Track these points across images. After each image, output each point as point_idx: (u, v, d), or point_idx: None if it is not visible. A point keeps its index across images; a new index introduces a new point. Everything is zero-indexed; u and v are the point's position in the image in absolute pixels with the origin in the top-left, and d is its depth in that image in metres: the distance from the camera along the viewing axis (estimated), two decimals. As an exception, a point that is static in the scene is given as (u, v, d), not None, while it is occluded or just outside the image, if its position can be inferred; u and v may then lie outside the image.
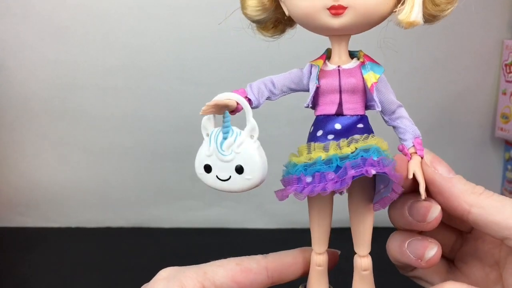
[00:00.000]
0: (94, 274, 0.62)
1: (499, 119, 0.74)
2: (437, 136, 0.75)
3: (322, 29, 0.28)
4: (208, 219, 0.75)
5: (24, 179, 0.74)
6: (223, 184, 0.28)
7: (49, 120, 0.72)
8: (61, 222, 0.75)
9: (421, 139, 0.30)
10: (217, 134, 0.28)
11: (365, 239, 0.30)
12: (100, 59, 0.70)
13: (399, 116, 0.30)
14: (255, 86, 0.30)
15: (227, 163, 0.28)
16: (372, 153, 0.27)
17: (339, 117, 0.29)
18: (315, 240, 0.31)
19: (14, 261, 0.65)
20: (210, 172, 0.29)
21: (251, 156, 0.28)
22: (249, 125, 0.28)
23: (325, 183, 0.27)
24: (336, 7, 0.27)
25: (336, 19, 0.27)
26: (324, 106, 0.29)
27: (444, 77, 0.73)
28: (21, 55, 0.69)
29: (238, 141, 0.28)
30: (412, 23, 0.27)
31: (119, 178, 0.74)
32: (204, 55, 0.70)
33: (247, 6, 0.30)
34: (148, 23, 0.69)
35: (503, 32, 0.73)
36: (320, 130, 0.29)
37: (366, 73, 0.28)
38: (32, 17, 0.68)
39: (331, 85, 0.29)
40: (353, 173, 0.26)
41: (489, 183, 0.78)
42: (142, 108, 0.72)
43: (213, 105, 0.28)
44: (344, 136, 0.28)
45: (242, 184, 0.28)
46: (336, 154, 0.27)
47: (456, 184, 0.28)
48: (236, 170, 0.28)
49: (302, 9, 0.27)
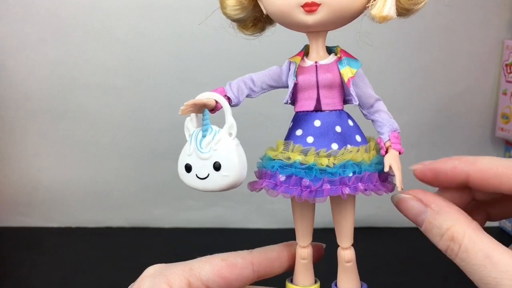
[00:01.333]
0: (94, 274, 0.62)
1: (500, 119, 0.74)
2: (437, 136, 0.75)
3: (297, 26, 0.29)
4: (208, 219, 0.75)
5: (25, 179, 0.74)
6: (202, 182, 0.29)
7: (49, 120, 0.72)
8: (61, 222, 0.75)
9: (398, 133, 0.30)
10: (197, 134, 0.29)
11: (348, 231, 0.30)
12: (100, 59, 0.70)
13: (377, 110, 0.30)
14: (235, 84, 0.31)
15: (206, 160, 0.28)
16: (348, 170, 0.28)
17: (318, 113, 0.29)
18: (298, 234, 0.31)
19: (14, 261, 0.65)
20: (190, 172, 0.29)
21: (228, 152, 0.28)
22: (227, 123, 0.28)
23: (300, 188, 0.28)
24: (309, 4, 0.27)
25: (310, 16, 0.27)
26: (303, 102, 0.30)
27: (444, 77, 0.73)
28: (21, 55, 0.69)
29: (216, 138, 0.28)
30: (385, 18, 0.27)
31: (119, 178, 0.74)
32: (204, 55, 0.70)
33: (226, 6, 0.30)
34: (148, 23, 0.69)
35: (503, 32, 0.73)
36: (299, 129, 0.29)
37: (343, 68, 0.29)
38: (32, 17, 0.68)
39: (309, 81, 0.29)
40: (328, 188, 0.27)
41: (489, 183, 0.78)
42: (142, 108, 0.72)
43: (191, 104, 0.29)
44: (324, 139, 0.29)
45: (220, 182, 0.28)
46: (315, 163, 0.28)
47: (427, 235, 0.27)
48: (214, 168, 0.28)
49: (277, 7, 0.28)
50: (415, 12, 0.29)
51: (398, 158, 0.29)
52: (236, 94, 0.30)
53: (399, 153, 0.29)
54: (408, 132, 0.74)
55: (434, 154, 0.76)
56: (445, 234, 0.26)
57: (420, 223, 0.27)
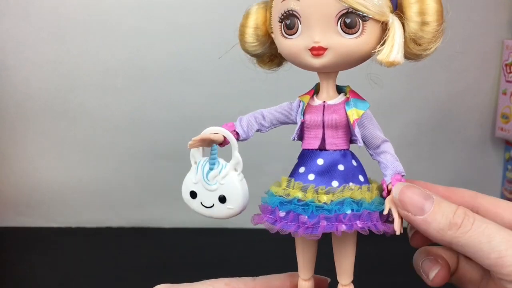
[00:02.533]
0: (94, 274, 0.62)
1: (499, 119, 0.74)
2: (437, 136, 0.75)
3: (305, 67, 0.30)
4: (208, 219, 0.75)
5: (24, 179, 0.74)
6: (207, 210, 0.31)
7: (49, 120, 0.72)
8: (61, 222, 0.75)
9: (401, 176, 0.30)
10: (204, 164, 0.31)
11: (347, 269, 0.31)
12: (100, 59, 0.70)
13: (383, 151, 0.31)
14: (245, 120, 0.32)
15: (212, 192, 0.30)
16: (346, 208, 0.28)
17: (322, 152, 0.30)
18: (300, 267, 0.32)
19: (14, 261, 0.65)
20: (195, 198, 0.31)
21: (234, 188, 0.30)
22: (233, 160, 0.30)
23: (297, 224, 0.28)
24: (316, 48, 0.28)
25: (316, 59, 0.28)
26: (309, 140, 0.30)
27: (444, 77, 0.73)
28: (21, 55, 0.69)
29: (223, 173, 0.30)
30: (392, 63, 0.27)
31: (119, 178, 0.74)
32: (204, 55, 0.70)
33: (245, 42, 0.32)
34: (148, 23, 0.69)
35: (503, 32, 0.73)
36: (302, 167, 0.30)
37: (349, 109, 0.29)
38: (32, 17, 0.68)
39: (315, 121, 0.30)
40: (324, 225, 0.28)
41: (489, 183, 0.78)
42: (142, 108, 0.72)
43: (199, 140, 0.30)
44: (325, 176, 0.29)
45: (224, 213, 0.31)
46: (313, 200, 0.28)
47: (431, 223, 0.27)
48: (220, 199, 0.30)
49: (287, 49, 0.29)
50: (425, 58, 0.29)
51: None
52: (245, 129, 0.32)
53: None
54: (408, 132, 0.74)
55: (434, 154, 0.76)
56: (458, 210, 0.27)
57: (428, 206, 0.27)
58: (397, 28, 0.27)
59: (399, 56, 0.27)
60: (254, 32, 0.31)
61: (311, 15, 0.27)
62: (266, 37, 0.31)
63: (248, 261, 0.64)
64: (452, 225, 0.26)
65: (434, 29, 0.28)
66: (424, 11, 0.27)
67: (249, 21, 0.31)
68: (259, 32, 0.31)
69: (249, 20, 0.31)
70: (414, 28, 0.27)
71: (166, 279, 0.33)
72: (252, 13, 0.31)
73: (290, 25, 0.28)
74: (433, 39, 0.28)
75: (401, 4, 0.28)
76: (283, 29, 0.29)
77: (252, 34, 0.31)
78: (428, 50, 0.29)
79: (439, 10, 0.28)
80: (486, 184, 0.78)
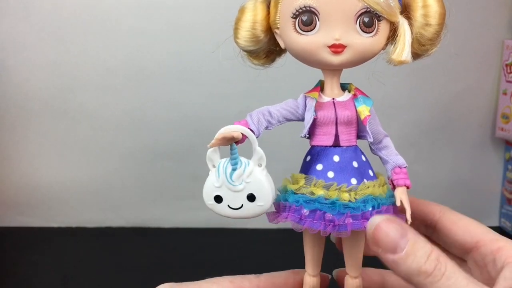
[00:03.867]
0: (94, 274, 0.62)
1: (500, 119, 0.74)
2: (437, 136, 0.75)
3: (320, 64, 0.30)
4: (208, 219, 0.75)
5: (25, 179, 0.74)
6: (236, 212, 0.30)
7: (49, 120, 0.72)
8: (61, 222, 0.75)
9: (402, 168, 0.31)
10: (225, 166, 0.30)
11: (359, 261, 0.32)
12: (100, 59, 0.70)
13: (385, 146, 0.32)
14: (255, 117, 0.31)
15: (239, 192, 0.29)
16: (368, 205, 0.29)
17: (336, 148, 0.30)
18: (309, 263, 0.32)
19: (14, 261, 0.65)
20: (221, 202, 0.30)
21: (261, 184, 0.29)
22: (256, 155, 0.29)
23: (324, 223, 0.29)
24: (337, 45, 0.28)
25: (336, 57, 0.29)
26: (321, 137, 0.31)
27: (444, 77, 0.73)
28: (21, 55, 0.69)
29: (247, 171, 0.29)
30: (402, 62, 0.29)
31: (119, 178, 0.74)
32: (204, 55, 0.70)
33: (242, 38, 0.31)
34: (148, 23, 0.69)
35: (503, 32, 0.73)
36: (319, 164, 0.30)
37: (359, 106, 0.30)
38: (32, 17, 0.68)
39: (328, 117, 0.30)
40: (351, 223, 0.28)
41: (489, 183, 0.78)
42: (142, 108, 0.72)
43: (220, 138, 0.29)
44: (344, 174, 0.30)
45: (254, 210, 0.29)
46: (338, 199, 0.29)
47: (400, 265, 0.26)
48: (248, 198, 0.29)
49: (302, 45, 0.29)
50: (422, 58, 0.31)
51: (406, 192, 0.31)
52: (257, 127, 0.31)
53: (407, 187, 0.31)
54: (408, 132, 0.74)
55: (433, 154, 0.76)
56: (431, 254, 0.25)
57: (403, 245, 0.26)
58: (407, 29, 0.29)
59: (409, 56, 0.29)
60: (252, 27, 0.30)
61: (332, 12, 0.28)
62: (265, 32, 0.31)
63: (248, 261, 0.64)
64: (421, 272, 0.25)
65: (437, 31, 0.29)
66: (429, 13, 0.29)
67: (246, 16, 0.30)
68: (257, 27, 0.30)
69: (246, 15, 0.30)
70: (419, 29, 0.29)
71: (166, 279, 0.33)
72: (250, 8, 0.30)
73: (307, 21, 0.28)
74: (435, 41, 0.30)
75: (408, 5, 0.29)
76: (297, 25, 0.28)
77: (250, 29, 0.30)
78: (429, 51, 0.30)
79: (442, 13, 0.29)
80: (486, 184, 0.78)
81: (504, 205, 0.78)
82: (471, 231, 0.31)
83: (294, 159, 0.32)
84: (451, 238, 0.32)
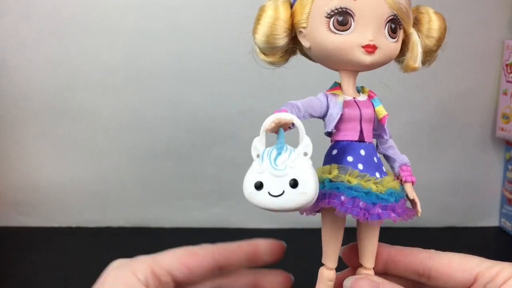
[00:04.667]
0: (94, 274, 0.62)
1: (500, 119, 0.74)
2: (438, 136, 0.75)
3: (351, 63, 0.31)
4: (208, 219, 0.75)
5: (24, 179, 0.74)
6: (276, 200, 0.28)
7: (49, 120, 0.72)
8: (61, 222, 0.75)
9: (408, 166, 0.34)
10: (270, 151, 0.28)
11: (374, 252, 0.33)
12: (100, 59, 0.70)
13: (391, 146, 0.34)
14: (289, 109, 0.30)
15: (281, 177, 0.28)
16: (392, 198, 0.31)
17: (361, 143, 0.32)
18: (328, 256, 0.32)
19: (14, 261, 0.65)
20: (261, 190, 0.28)
21: (305, 170, 0.28)
22: (303, 142, 0.28)
23: (358, 209, 0.30)
24: (371, 46, 0.30)
25: (369, 56, 0.30)
26: (346, 132, 0.32)
27: (444, 77, 0.73)
28: (21, 55, 0.69)
29: (292, 156, 0.28)
30: (415, 69, 0.32)
31: (119, 178, 0.74)
32: (204, 55, 0.70)
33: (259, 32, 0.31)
34: (148, 22, 0.69)
35: (504, 32, 0.73)
36: (350, 156, 0.31)
37: (378, 106, 0.32)
38: (32, 17, 0.68)
39: (354, 115, 0.32)
40: (380, 212, 0.30)
41: (489, 183, 0.78)
42: (142, 108, 0.72)
43: (277, 122, 0.28)
44: (371, 167, 0.31)
45: (296, 199, 0.27)
46: (371, 189, 0.30)
47: None
48: (290, 185, 0.27)
49: (337, 44, 0.30)
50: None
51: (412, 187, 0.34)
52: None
53: (413, 183, 0.34)
54: (408, 132, 0.74)
55: (434, 154, 0.76)
56: None
57: None
58: (419, 39, 0.32)
59: (421, 63, 0.32)
60: (273, 23, 0.31)
61: (367, 15, 0.30)
62: (287, 31, 0.31)
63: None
64: None
65: (435, 45, 0.33)
66: (432, 27, 0.32)
67: (268, 13, 0.31)
68: (280, 24, 0.31)
69: (268, 12, 0.31)
70: (426, 41, 0.32)
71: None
72: (271, 7, 0.31)
73: (344, 21, 0.30)
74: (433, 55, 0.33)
75: (418, 19, 0.32)
76: (332, 24, 0.30)
77: (272, 25, 0.31)
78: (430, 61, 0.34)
79: (443, 29, 0.33)
80: (486, 184, 0.78)
81: (504, 205, 0.78)
82: (467, 268, 0.32)
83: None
84: (451, 281, 0.32)
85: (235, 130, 0.71)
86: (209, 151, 0.73)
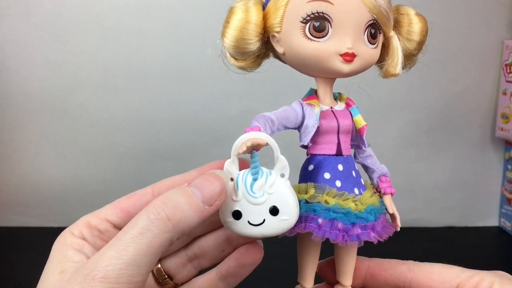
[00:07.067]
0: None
1: (500, 119, 0.74)
2: (437, 136, 0.75)
3: (328, 72, 0.29)
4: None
5: (24, 179, 0.74)
6: (256, 229, 0.27)
7: (49, 120, 0.72)
8: (61, 222, 0.75)
9: (387, 176, 0.32)
10: (244, 177, 0.27)
11: (352, 269, 0.32)
12: (100, 59, 0.70)
13: (369, 155, 0.32)
14: (262, 124, 0.28)
15: (260, 205, 0.26)
16: (371, 215, 0.29)
17: (338, 157, 0.30)
18: (306, 275, 0.31)
19: (14, 261, 0.65)
20: (240, 219, 0.27)
21: (285, 195, 0.26)
22: (279, 164, 0.27)
23: (336, 231, 0.28)
24: (350, 54, 0.28)
25: (347, 65, 0.28)
26: (323, 146, 0.30)
27: (444, 77, 0.73)
28: (21, 55, 0.69)
29: (269, 181, 0.26)
30: (395, 75, 0.30)
31: (119, 178, 0.74)
32: (204, 55, 0.70)
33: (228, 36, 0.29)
34: (148, 23, 0.69)
35: (503, 32, 0.73)
36: (327, 173, 0.29)
37: (356, 116, 0.30)
38: (32, 17, 0.68)
39: (331, 126, 0.30)
40: (360, 232, 0.28)
41: (489, 183, 0.78)
42: (142, 108, 0.72)
43: (250, 145, 0.26)
44: (349, 183, 0.29)
45: (277, 226, 0.26)
46: (350, 208, 0.28)
47: None
48: (270, 212, 0.26)
49: (312, 51, 0.28)
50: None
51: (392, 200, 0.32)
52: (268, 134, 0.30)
53: (392, 195, 0.32)
54: (408, 132, 0.74)
55: (433, 154, 0.76)
56: None
57: None
58: (399, 43, 0.30)
59: (401, 69, 0.30)
60: (256, 29, 0.28)
61: (345, 20, 0.27)
62: (259, 35, 0.29)
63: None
64: None
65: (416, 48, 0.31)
66: (413, 30, 0.30)
67: (252, 17, 0.28)
68: (250, 27, 0.28)
69: (238, 15, 0.29)
70: (406, 44, 0.30)
71: (166, 279, 0.33)
72: (241, 8, 0.29)
73: (320, 28, 0.27)
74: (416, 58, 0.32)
75: (398, 21, 0.30)
76: (308, 30, 0.27)
77: (254, 31, 0.28)
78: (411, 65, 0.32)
79: (423, 31, 0.30)
80: (486, 184, 0.78)
81: (504, 205, 0.78)
82: (447, 279, 0.31)
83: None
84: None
85: (235, 130, 0.71)
86: (209, 151, 0.73)
